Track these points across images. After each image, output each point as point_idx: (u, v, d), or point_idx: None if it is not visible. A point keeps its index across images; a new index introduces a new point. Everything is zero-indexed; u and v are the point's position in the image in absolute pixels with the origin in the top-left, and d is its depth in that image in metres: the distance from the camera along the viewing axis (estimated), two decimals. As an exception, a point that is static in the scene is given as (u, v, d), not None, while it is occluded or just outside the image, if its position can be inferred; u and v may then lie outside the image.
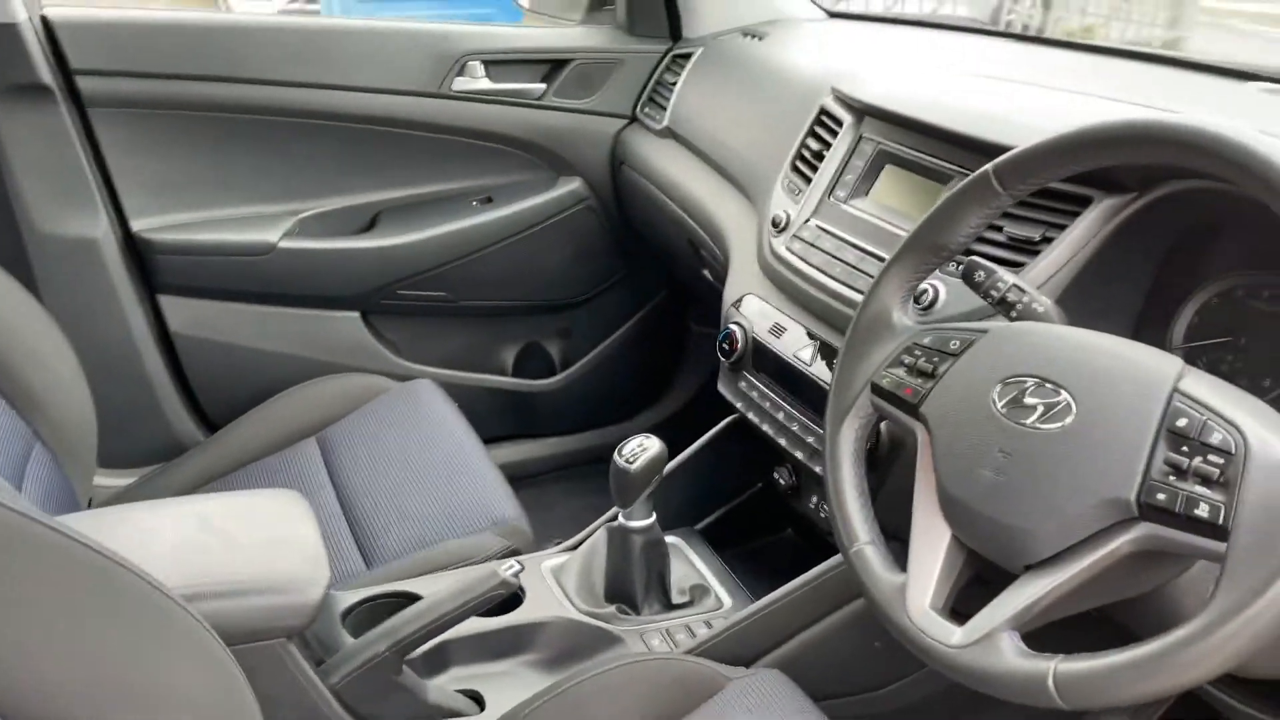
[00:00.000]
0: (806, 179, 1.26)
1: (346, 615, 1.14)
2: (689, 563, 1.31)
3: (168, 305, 1.67)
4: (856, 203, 1.18)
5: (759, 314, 1.25)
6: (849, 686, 1.14)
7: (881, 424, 0.95)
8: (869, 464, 0.89)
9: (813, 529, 1.30)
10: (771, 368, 1.22)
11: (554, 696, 0.98)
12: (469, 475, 1.35)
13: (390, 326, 1.83)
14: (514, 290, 1.88)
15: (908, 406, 0.81)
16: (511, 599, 1.16)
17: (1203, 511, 0.62)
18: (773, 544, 1.47)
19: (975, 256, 0.89)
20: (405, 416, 1.48)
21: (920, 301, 0.99)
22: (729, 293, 1.33)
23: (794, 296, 1.20)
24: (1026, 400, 0.73)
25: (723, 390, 1.31)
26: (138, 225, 1.62)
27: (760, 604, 1.14)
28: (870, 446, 0.94)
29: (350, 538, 1.28)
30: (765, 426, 1.22)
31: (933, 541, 0.77)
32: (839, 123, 1.25)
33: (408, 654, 1.02)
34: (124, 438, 1.58)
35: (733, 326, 1.26)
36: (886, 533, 0.85)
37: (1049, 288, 0.91)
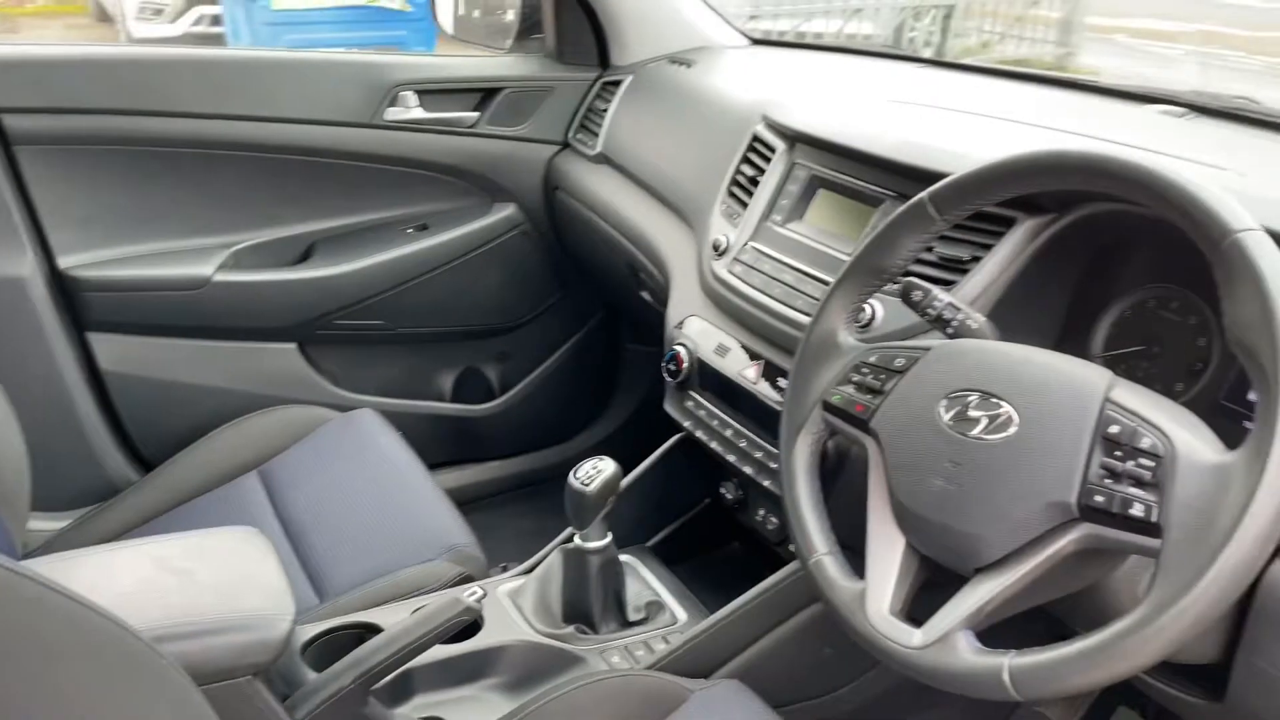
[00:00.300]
0: (743, 204, 1.30)
1: (305, 649, 1.13)
2: (643, 580, 1.34)
3: (98, 343, 1.63)
4: (793, 226, 1.23)
5: (703, 335, 1.29)
6: (804, 693, 1.18)
7: (829, 440, 1.00)
8: (817, 478, 0.93)
9: (759, 541, 1.34)
10: (717, 386, 1.26)
11: (522, 718, 1.00)
12: (417, 503, 1.36)
13: (328, 357, 1.82)
14: (451, 316, 1.88)
15: (859, 422, 0.86)
16: (471, 625, 1.17)
17: (1137, 511, 0.68)
18: (721, 557, 1.51)
19: (912, 277, 0.94)
20: (348, 446, 1.47)
21: (858, 320, 1.04)
22: (672, 314, 1.36)
23: (736, 317, 1.24)
24: (971, 413, 0.78)
25: (669, 409, 1.35)
26: (65, 262, 1.58)
27: (715, 617, 1.18)
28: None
29: (300, 571, 1.28)
30: (713, 444, 1.26)
31: (888, 549, 0.81)
32: (772, 149, 1.30)
33: (373, 685, 1.02)
34: (56, 479, 1.54)
35: (678, 347, 1.30)
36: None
37: (980, 304, 0.97)
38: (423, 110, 1.74)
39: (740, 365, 1.22)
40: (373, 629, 1.13)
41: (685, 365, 1.29)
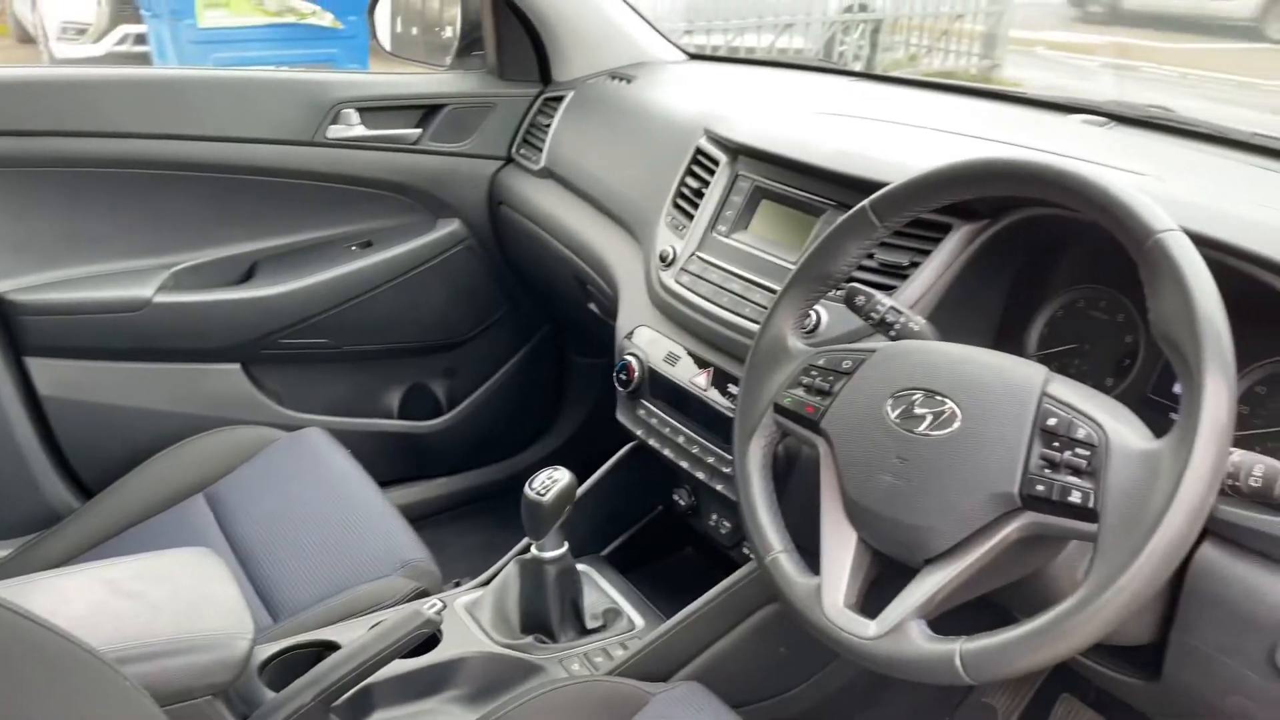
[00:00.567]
0: (688, 215, 1.33)
1: (262, 669, 1.12)
2: (599, 588, 1.35)
3: (35, 368, 1.60)
4: (738, 236, 1.26)
5: (652, 344, 1.31)
6: (762, 692, 1.21)
7: (780, 443, 1.02)
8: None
9: (712, 546, 1.37)
10: (668, 394, 1.28)
11: (486, 728, 1.00)
12: (369, 519, 1.36)
13: (272, 376, 1.80)
14: (397, 333, 1.88)
15: (809, 423, 0.89)
16: (429, 639, 1.17)
17: (1075, 498, 0.72)
18: (675, 563, 1.53)
19: (855, 283, 0.98)
20: (297, 466, 1.46)
21: (804, 326, 1.07)
22: (621, 325, 1.38)
23: (685, 326, 1.27)
24: (916, 410, 0.81)
25: (621, 419, 1.37)
26: (0, 287, 1.55)
27: (672, 621, 1.20)
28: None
29: (253, 592, 1.27)
30: (666, 451, 1.28)
31: (841, 544, 0.84)
32: (715, 162, 1.33)
33: (333, 702, 1.02)
34: None
35: (628, 357, 1.32)
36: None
37: (920, 307, 1.00)
38: (365, 128, 1.74)
39: (690, 373, 1.24)
40: (331, 646, 1.12)
41: (636, 375, 1.31)
